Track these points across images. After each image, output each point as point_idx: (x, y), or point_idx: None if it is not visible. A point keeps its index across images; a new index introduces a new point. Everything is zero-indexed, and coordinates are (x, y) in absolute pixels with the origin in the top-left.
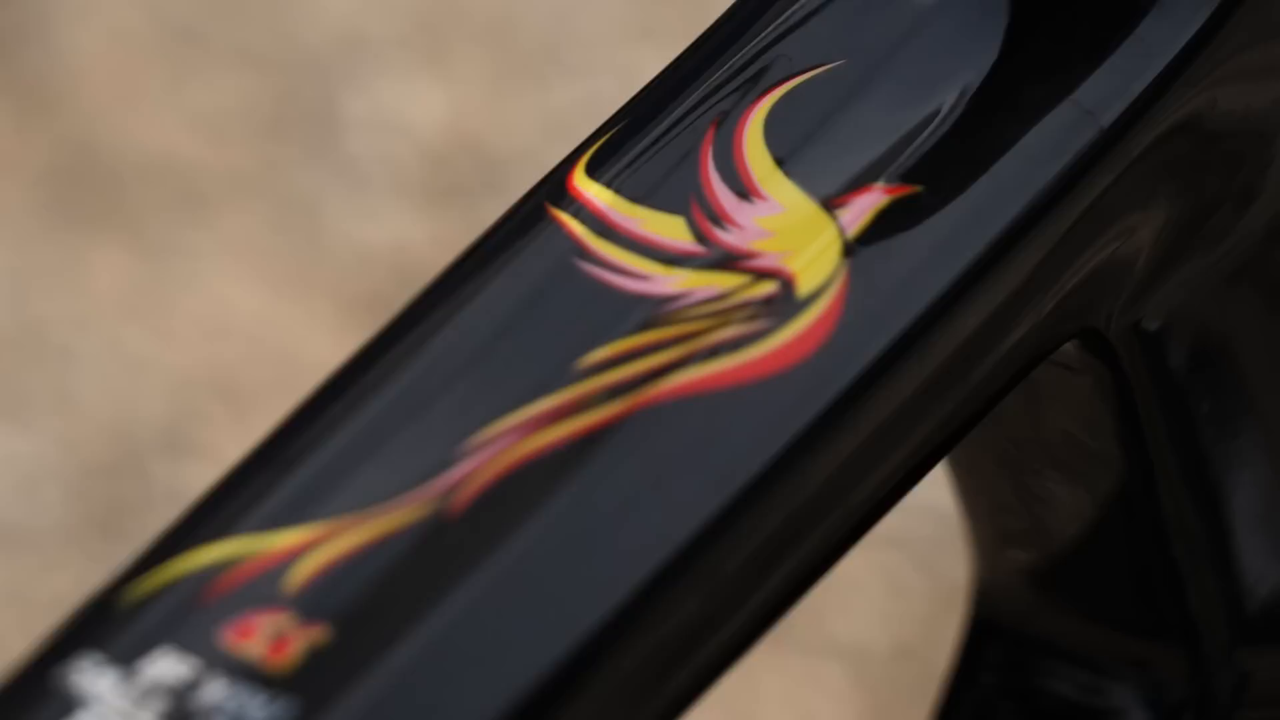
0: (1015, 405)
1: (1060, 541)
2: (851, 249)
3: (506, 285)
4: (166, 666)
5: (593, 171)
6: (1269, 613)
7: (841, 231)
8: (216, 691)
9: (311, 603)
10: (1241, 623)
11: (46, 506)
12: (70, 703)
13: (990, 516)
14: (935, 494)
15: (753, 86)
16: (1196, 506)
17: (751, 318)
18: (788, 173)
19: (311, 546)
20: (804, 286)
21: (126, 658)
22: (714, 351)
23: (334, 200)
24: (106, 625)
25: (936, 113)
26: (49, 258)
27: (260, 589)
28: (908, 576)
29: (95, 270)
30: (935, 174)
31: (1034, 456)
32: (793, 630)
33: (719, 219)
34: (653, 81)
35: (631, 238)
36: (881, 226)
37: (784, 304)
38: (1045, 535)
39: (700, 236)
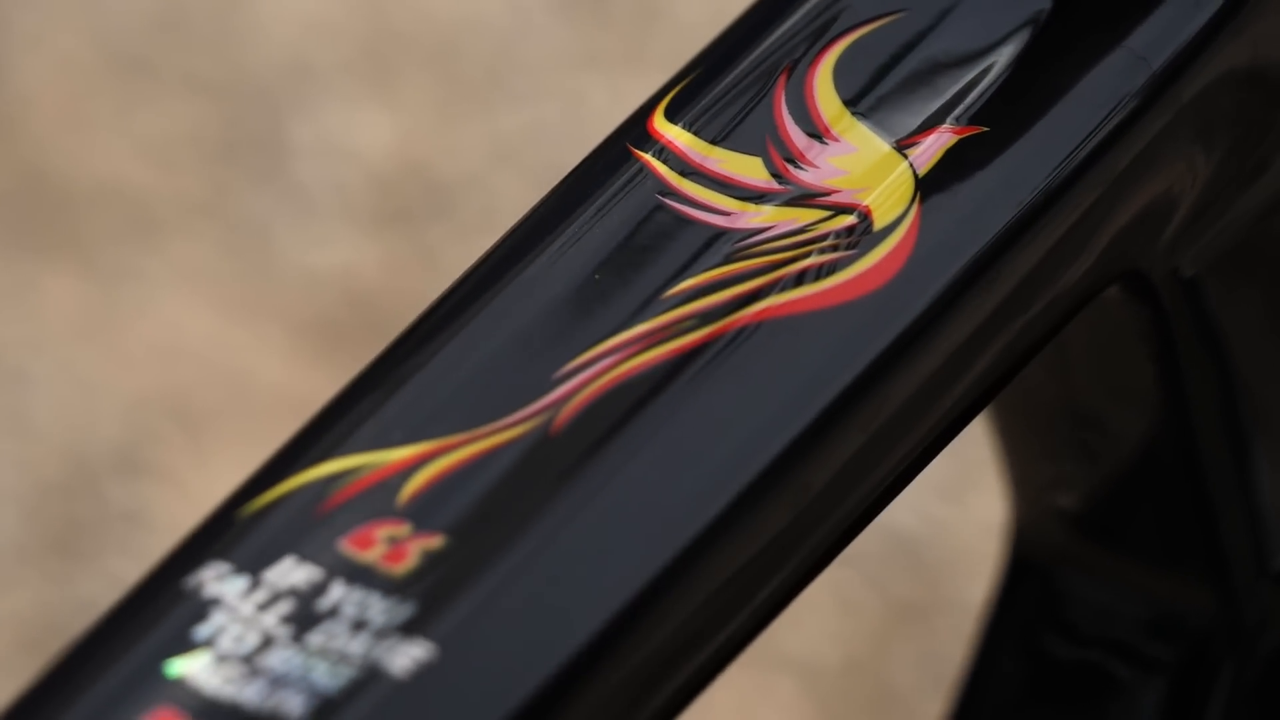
0: (1059, 345)
1: (1097, 479)
2: (923, 185)
3: (597, 221)
4: (290, 574)
5: (672, 116)
6: None
7: (913, 169)
8: (338, 595)
9: (425, 512)
10: (1269, 555)
11: (2, 526)
12: (201, 607)
13: (1029, 456)
14: (884, 513)
15: (821, 35)
16: (1230, 444)
17: (832, 248)
18: (859, 116)
19: (423, 460)
20: (880, 219)
21: (252, 566)
22: (800, 278)
23: (283, 225)
24: (231, 537)
25: (997, 58)
26: (1, 282)
27: (376, 500)
28: (858, 593)
29: (48, 294)
30: (999, 115)
31: (1074, 396)
32: None
33: (795, 159)
34: (724, 32)
35: (713, 176)
36: (951, 164)
37: (863, 235)
38: (1082, 473)
39: (778, 175)
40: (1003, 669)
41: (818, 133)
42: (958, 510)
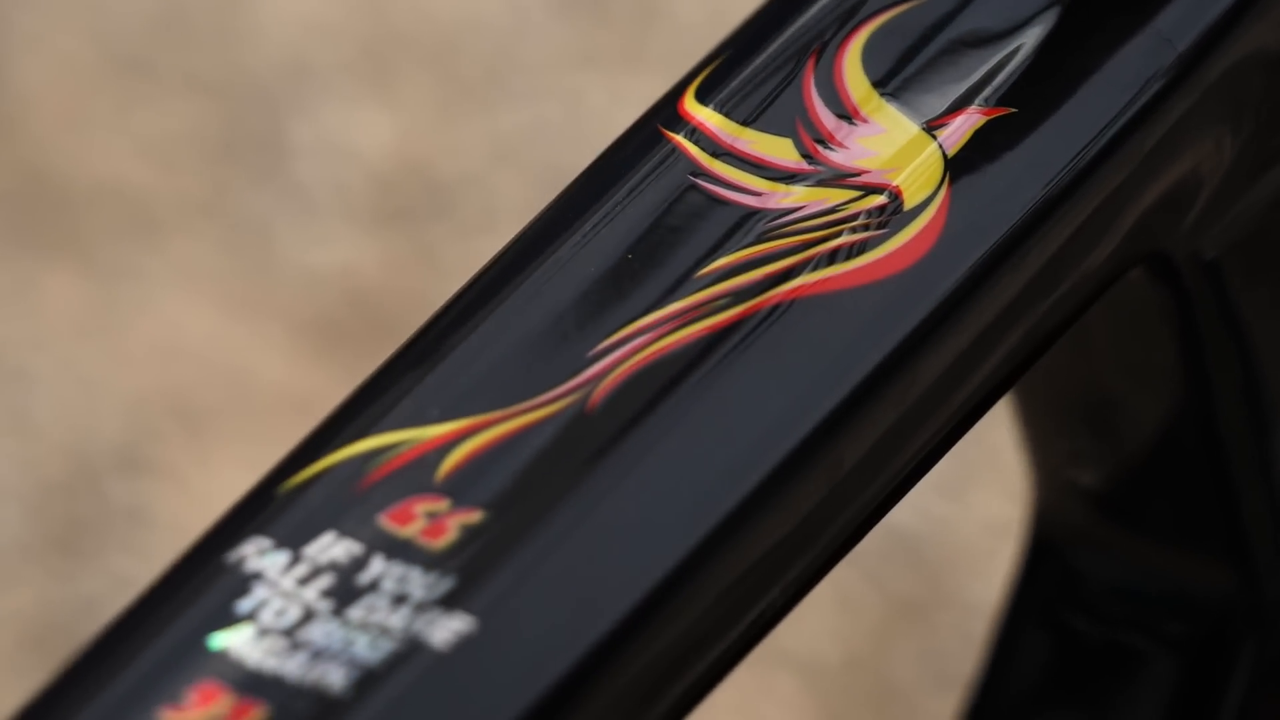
0: (1081, 325)
1: (1118, 459)
2: (952, 165)
3: (630, 201)
4: (330, 548)
5: (702, 97)
6: None
7: (942, 149)
8: (378, 569)
9: (463, 488)
10: None
11: (4, 524)
12: (243, 581)
13: (1050, 437)
14: None
15: (850, 18)
16: (1252, 424)
17: (864, 227)
18: (887, 97)
19: (461, 437)
20: (911, 199)
21: (292, 542)
22: (831, 257)
23: (283, 225)
24: (271, 513)
25: (1024, 40)
26: (2, 281)
27: (414, 476)
28: (857, 590)
29: (49, 294)
30: (1027, 97)
31: (1096, 377)
32: None
33: (825, 140)
34: (753, 14)
35: (744, 157)
36: (979, 145)
37: (893, 215)
38: (1103, 454)
39: (808, 156)
40: (1023, 650)
41: (847, 114)
42: (958, 508)
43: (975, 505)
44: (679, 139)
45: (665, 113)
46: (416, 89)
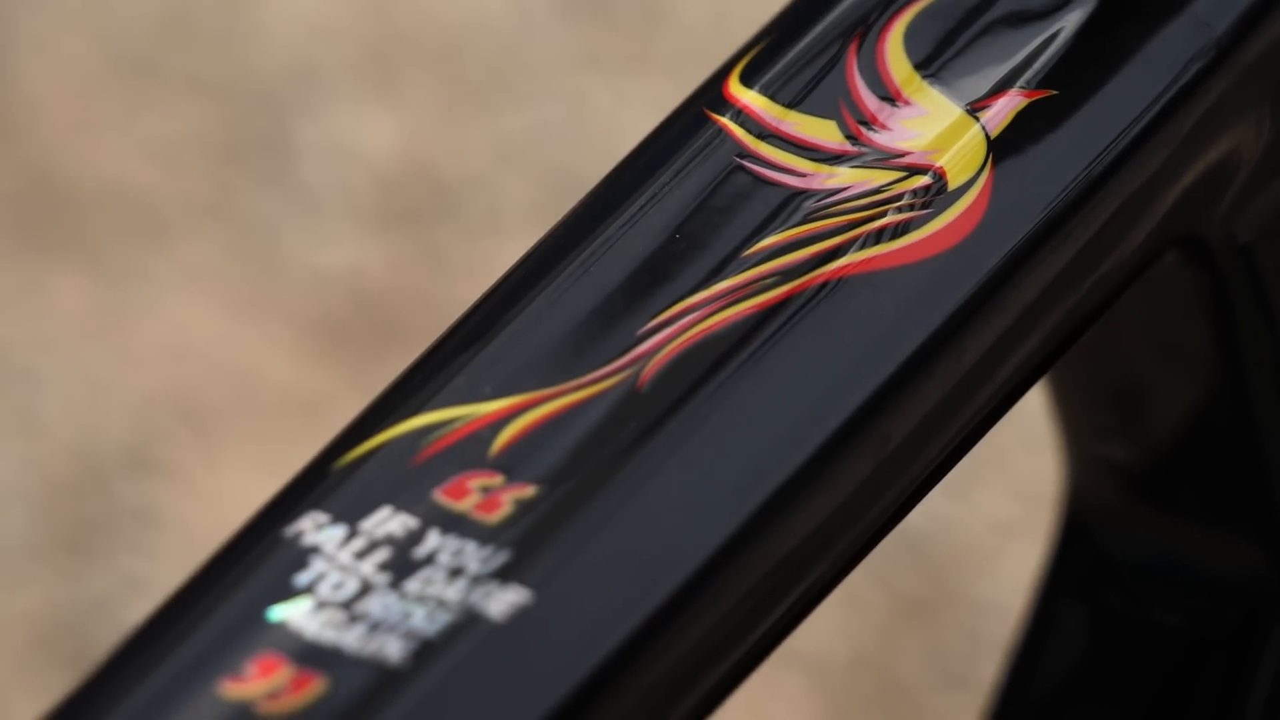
0: (1119, 307)
1: (1151, 441)
2: (995, 146)
3: (677, 182)
4: (386, 523)
5: (747, 80)
6: None
7: (985, 131)
8: (434, 543)
9: (516, 463)
10: None
11: (13, 525)
12: (301, 555)
13: (1083, 418)
14: None
15: (891, 2)
16: None
17: (909, 207)
18: (929, 79)
19: (514, 413)
20: (955, 179)
21: (349, 516)
22: (878, 236)
23: (289, 226)
24: (327, 488)
25: (1064, 24)
26: (9, 282)
27: (469, 452)
28: (864, 590)
29: (56, 295)
30: (1067, 80)
31: (1128, 358)
32: None
33: (869, 122)
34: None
35: (788, 139)
36: (1021, 127)
37: (937, 195)
38: (1137, 435)
39: (852, 138)
40: (1055, 629)
41: (890, 96)
42: (963, 507)
43: (980, 504)
44: (724, 121)
45: (710, 95)
46: (421, 91)
